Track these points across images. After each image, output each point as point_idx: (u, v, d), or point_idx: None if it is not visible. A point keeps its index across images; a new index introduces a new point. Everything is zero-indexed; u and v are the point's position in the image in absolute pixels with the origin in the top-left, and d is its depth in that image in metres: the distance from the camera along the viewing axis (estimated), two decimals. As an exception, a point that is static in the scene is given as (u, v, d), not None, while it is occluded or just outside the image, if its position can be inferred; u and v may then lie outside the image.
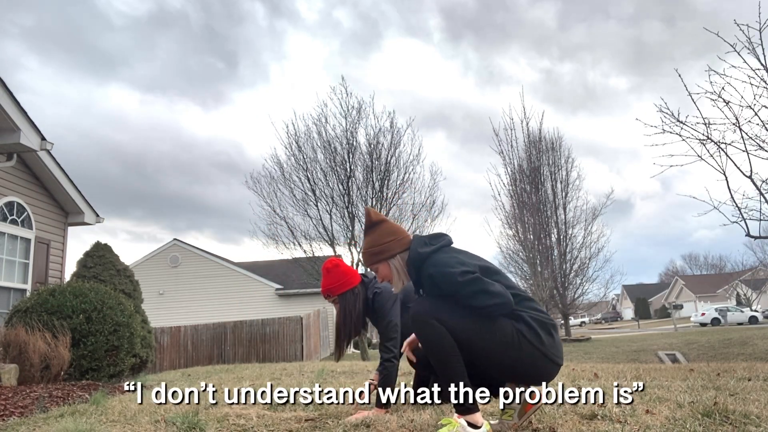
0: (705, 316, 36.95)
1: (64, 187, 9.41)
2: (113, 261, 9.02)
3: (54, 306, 6.36)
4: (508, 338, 2.10)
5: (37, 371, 5.64)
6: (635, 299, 64.70)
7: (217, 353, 17.45)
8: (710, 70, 6.93)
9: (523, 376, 2.20)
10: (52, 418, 3.39)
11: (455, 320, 2.12)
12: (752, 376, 3.58)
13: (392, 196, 17.44)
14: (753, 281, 51.42)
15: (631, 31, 65.23)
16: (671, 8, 53.86)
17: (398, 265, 2.31)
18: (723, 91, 6.96)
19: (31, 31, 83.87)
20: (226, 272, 24.48)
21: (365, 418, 2.52)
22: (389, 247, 2.30)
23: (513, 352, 2.10)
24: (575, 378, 3.99)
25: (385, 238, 2.32)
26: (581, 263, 26.35)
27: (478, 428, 2.09)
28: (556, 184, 26.48)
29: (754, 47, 6.83)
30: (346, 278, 2.92)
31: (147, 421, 2.81)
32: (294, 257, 18.37)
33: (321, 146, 17.77)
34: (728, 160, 7.19)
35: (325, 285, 2.93)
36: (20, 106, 7.66)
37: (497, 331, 2.10)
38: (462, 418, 2.10)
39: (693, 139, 7.33)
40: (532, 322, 2.13)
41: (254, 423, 2.58)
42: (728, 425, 2.10)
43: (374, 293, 2.96)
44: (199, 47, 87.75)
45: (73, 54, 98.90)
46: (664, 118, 7.35)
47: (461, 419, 2.10)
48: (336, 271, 2.93)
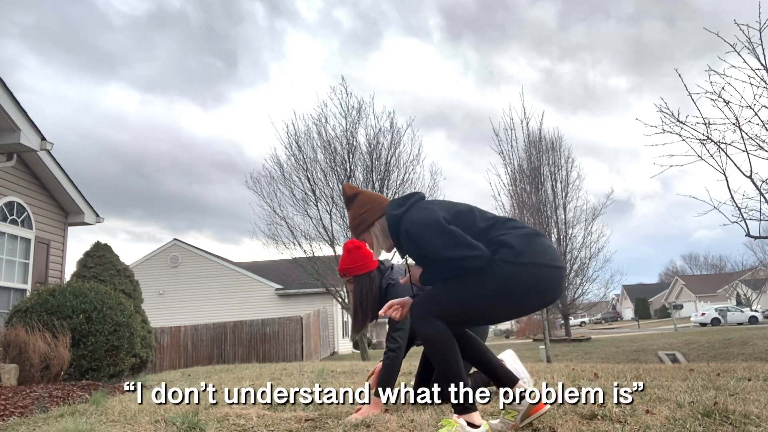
0: (705, 316, 36.94)
1: (64, 187, 9.41)
2: (113, 261, 9.02)
3: (54, 306, 6.36)
4: (500, 281, 2.10)
5: (37, 371, 5.64)
6: (635, 299, 64.68)
7: (217, 353, 17.45)
8: (710, 70, 6.93)
9: (536, 301, 2.21)
10: (52, 418, 3.39)
11: (447, 301, 2.15)
12: (752, 376, 3.58)
13: (392, 196, 17.40)
14: (753, 281, 51.40)
15: (631, 30, 65.24)
16: (671, 8, 53.85)
17: (378, 231, 2.38)
18: (723, 91, 6.96)
19: (31, 30, 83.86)
20: (226, 272, 24.48)
21: (365, 417, 2.52)
22: (366, 216, 2.38)
23: (511, 290, 2.11)
24: (575, 378, 3.99)
25: (362, 209, 2.40)
26: (581, 263, 26.30)
27: (477, 428, 2.10)
28: (556, 184, 26.44)
29: (754, 47, 6.83)
30: (364, 261, 2.95)
31: (147, 421, 2.81)
32: (294, 257, 18.37)
33: (321, 146, 17.77)
34: (728, 160, 7.19)
35: (343, 264, 2.97)
36: (20, 106, 7.66)
37: (489, 283, 2.11)
38: (461, 418, 2.11)
39: (693, 139, 7.33)
40: (513, 241, 2.14)
41: (254, 423, 2.58)
42: (728, 425, 2.10)
43: (388, 284, 2.99)
44: (199, 47, 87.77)
45: (72, 54, 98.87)
46: (664, 118, 7.35)
47: (460, 419, 2.11)
48: (356, 252, 2.96)
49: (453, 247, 2.10)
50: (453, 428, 2.09)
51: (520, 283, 2.11)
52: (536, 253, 2.15)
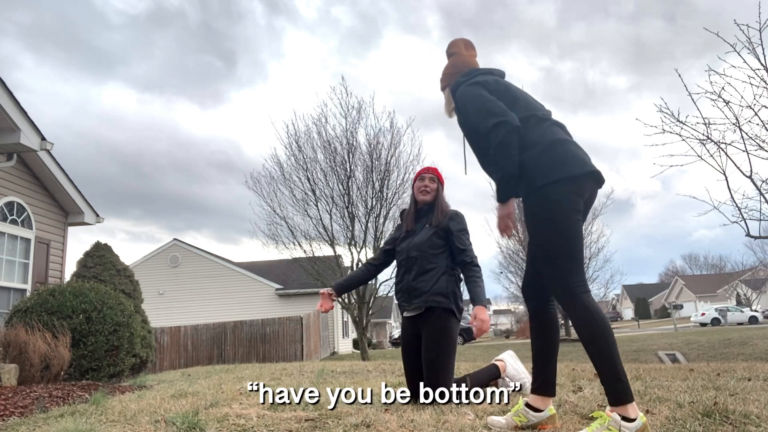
0: (705, 316, 36.93)
1: (64, 187, 9.41)
2: (113, 261, 9.02)
3: (54, 306, 6.36)
4: (552, 210, 2.11)
5: (37, 371, 5.63)
6: (635, 299, 64.68)
7: (217, 353, 17.45)
8: (710, 70, 6.92)
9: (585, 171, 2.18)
10: (52, 418, 3.39)
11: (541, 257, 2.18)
12: (752, 376, 3.58)
13: (392, 196, 17.41)
14: (753, 281, 51.39)
15: (630, 29, 65.27)
16: (672, 6, 53.89)
17: (447, 93, 2.64)
18: (723, 91, 6.94)
19: (28, 29, 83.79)
20: (226, 272, 24.48)
21: (364, 418, 2.52)
22: (446, 77, 2.65)
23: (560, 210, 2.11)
24: (575, 378, 3.99)
25: (447, 69, 2.67)
26: (581, 263, 26.29)
27: (632, 421, 1.93)
28: (556, 184, 26.44)
29: (754, 47, 6.81)
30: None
31: (147, 421, 2.80)
32: (294, 257, 18.37)
33: (321, 146, 17.75)
34: (728, 160, 7.18)
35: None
36: (20, 105, 7.65)
37: (550, 221, 2.12)
38: (615, 412, 1.96)
39: (693, 139, 7.31)
40: (548, 147, 2.20)
41: (254, 423, 2.58)
42: (728, 425, 2.10)
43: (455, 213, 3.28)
44: (197, 46, 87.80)
45: (70, 52, 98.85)
46: (664, 118, 7.33)
47: (613, 413, 1.96)
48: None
49: (484, 115, 2.27)
50: (605, 422, 1.96)
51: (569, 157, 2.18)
52: (569, 155, 2.20)
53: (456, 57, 2.67)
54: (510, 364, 3.40)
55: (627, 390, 1.96)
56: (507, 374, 3.35)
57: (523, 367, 3.39)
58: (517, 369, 3.38)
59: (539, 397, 2.23)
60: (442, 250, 3.14)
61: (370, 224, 17.46)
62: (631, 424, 1.90)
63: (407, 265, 3.18)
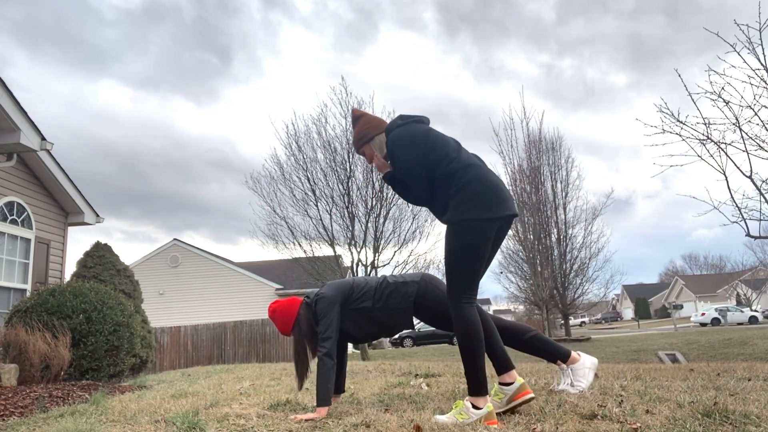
0: (705, 316, 36.92)
1: (64, 187, 9.41)
2: (113, 261, 9.03)
3: (54, 306, 6.36)
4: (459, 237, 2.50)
5: (37, 371, 5.63)
6: (635, 299, 64.68)
7: (217, 353, 17.44)
8: (710, 70, 6.92)
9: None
10: (52, 418, 3.39)
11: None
12: (752, 376, 3.58)
13: (392, 196, 17.41)
14: (753, 281, 51.39)
15: (630, 25, 65.21)
16: (673, 3, 53.82)
17: (377, 144, 2.79)
18: (723, 91, 6.95)
19: (20, 24, 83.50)
20: (226, 272, 24.47)
21: (364, 418, 2.52)
22: (368, 131, 2.80)
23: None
24: (575, 378, 3.98)
25: (365, 126, 2.82)
26: (581, 263, 26.30)
27: (479, 409, 2.35)
28: (556, 184, 26.42)
29: (754, 47, 6.82)
30: (287, 314, 3.09)
31: (147, 421, 2.80)
32: (294, 257, 18.37)
33: (321, 146, 17.78)
34: (728, 160, 7.19)
35: (279, 329, 3.15)
36: (20, 105, 7.65)
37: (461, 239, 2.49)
38: (469, 401, 2.40)
39: (693, 139, 7.31)
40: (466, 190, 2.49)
41: (254, 423, 2.58)
42: (728, 425, 2.10)
43: (316, 300, 3.04)
44: (193, 42, 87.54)
45: (63, 49, 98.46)
46: (664, 118, 7.33)
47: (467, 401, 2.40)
48: (275, 315, 3.12)
49: (406, 174, 2.60)
50: (460, 407, 2.38)
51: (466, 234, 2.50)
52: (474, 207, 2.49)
53: (367, 116, 2.88)
54: (585, 365, 3.00)
55: (482, 386, 2.41)
56: (573, 367, 2.96)
57: (591, 380, 3.00)
58: (585, 375, 2.97)
59: (505, 374, 2.61)
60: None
61: (370, 224, 17.47)
62: (477, 411, 2.35)
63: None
